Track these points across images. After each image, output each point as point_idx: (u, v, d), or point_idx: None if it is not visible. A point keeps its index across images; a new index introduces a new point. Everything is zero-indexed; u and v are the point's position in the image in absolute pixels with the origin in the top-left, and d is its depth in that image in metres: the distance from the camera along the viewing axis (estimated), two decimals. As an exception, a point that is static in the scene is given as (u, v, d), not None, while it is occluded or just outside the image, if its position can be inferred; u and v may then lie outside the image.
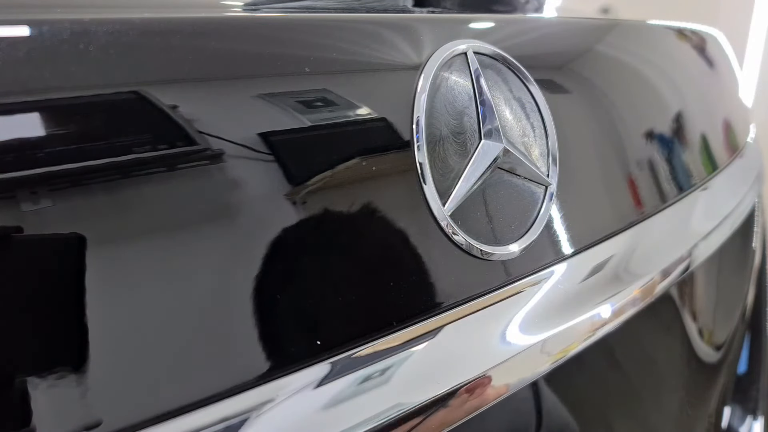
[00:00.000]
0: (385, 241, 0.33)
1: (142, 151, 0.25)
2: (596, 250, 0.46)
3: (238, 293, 0.27)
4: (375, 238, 0.33)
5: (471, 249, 0.35)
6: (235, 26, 0.31)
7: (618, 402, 0.53)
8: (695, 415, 0.64)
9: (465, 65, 0.37)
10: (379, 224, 0.33)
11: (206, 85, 0.28)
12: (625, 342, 0.53)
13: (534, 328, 0.40)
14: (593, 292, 0.45)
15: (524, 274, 0.40)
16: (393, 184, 0.33)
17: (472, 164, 0.35)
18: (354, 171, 0.32)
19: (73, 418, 0.22)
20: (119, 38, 0.26)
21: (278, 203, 0.29)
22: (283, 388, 0.28)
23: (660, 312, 0.59)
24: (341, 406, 0.29)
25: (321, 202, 0.31)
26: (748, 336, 0.79)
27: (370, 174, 0.33)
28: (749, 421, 0.73)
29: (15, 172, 0.22)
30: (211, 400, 0.25)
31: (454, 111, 0.36)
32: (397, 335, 0.32)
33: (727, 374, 0.72)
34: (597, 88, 0.51)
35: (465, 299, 0.36)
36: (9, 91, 0.23)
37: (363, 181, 0.32)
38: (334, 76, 0.33)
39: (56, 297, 0.23)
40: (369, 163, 0.33)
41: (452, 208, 0.34)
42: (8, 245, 0.22)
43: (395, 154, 0.34)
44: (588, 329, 0.43)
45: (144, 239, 0.25)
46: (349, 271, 0.31)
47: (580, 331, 0.42)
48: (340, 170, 0.32)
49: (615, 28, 0.59)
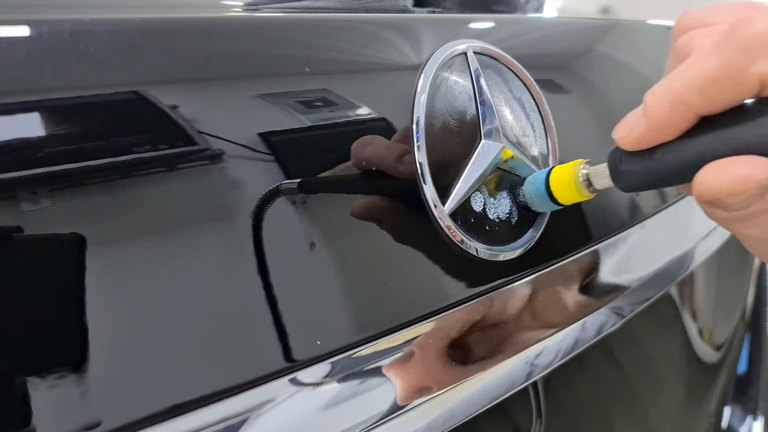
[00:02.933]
0: (385, 241, 0.33)
1: (142, 151, 0.25)
2: (596, 250, 0.47)
3: (237, 293, 0.27)
4: (375, 238, 0.33)
5: (471, 249, 0.35)
6: (235, 26, 0.31)
7: (618, 402, 0.53)
8: (695, 415, 0.64)
9: (465, 65, 0.37)
10: (379, 224, 0.33)
11: (206, 85, 0.28)
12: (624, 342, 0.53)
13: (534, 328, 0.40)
14: (593, 292, 0.45)
15: (524, 274, 0.40)
16: (393, 184, 0.33)
17: (472, 164, 0.35)
18: (354, 171, 0.32)
19: (73, 418, 0.22)
20: (119, 38, 0.26)
21: (278, 203, 0.29)
22: (283, 388, 0.28)
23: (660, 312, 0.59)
24: (341, 406, 0.29)
25: (321, 202, 0.31)
26: (748, 336, 0.79)
27: (369, 174, 0.33)
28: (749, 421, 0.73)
29: (15, 172, 0.22)
30: (211, 399, 0.25)
31: (454, 111, 0.36)
32: (397, 335, 0.32)
33: (727, 374, 0.72)
34: (597, 88, 0.51)
35: (465, 299, 0.36)
36: (9, 91, 0.23)
37: (363, 181, 0.32)
38: (334, 76, 0.33)
39: (56, 297, 0.23)
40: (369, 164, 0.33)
41: (452, 208, 0.34)
42: (8, 245, 0.22)
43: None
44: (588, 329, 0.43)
45: (144, 239, 0.25)
46: (349, 270, 0.31)
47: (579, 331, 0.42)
48: (340, 170, 0.32)
49: (615, 28, 0.59)
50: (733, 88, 0.23)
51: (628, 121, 0.26)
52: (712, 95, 0.23)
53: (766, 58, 0.22)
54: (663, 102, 0.24)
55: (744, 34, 0.22)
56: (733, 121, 0.23)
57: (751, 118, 0.23)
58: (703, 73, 0.23)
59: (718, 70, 0.23)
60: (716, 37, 0.23)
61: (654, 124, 0.25)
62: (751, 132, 0.23)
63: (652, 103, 0.25)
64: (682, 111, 0.24)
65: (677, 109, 0.24)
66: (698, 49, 0.24)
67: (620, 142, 0.27)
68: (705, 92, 0.23)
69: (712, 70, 0.23)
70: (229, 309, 0.27)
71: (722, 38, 0.23)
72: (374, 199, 0.33)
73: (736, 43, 0.22)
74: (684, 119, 0.24)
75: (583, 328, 0.43)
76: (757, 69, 0.22)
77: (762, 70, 0.22)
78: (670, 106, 0.24)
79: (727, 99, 0.23)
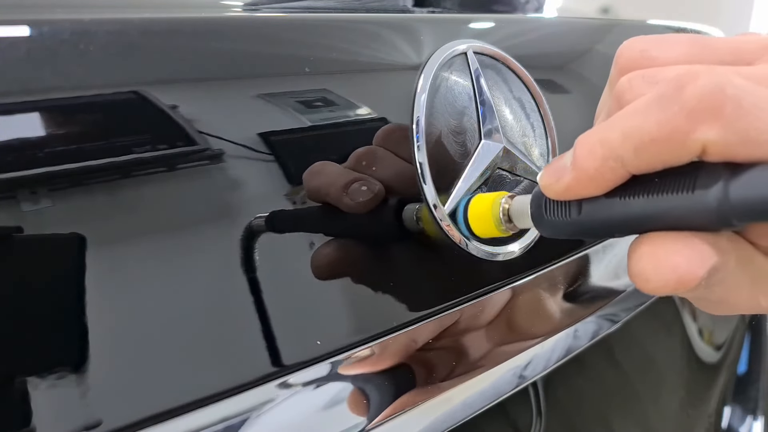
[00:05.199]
0: (384, 241, 0.33)
1: (142, 151, 0.25)
2: (596, 250, 0.47)
3: (237, 293, 0.27)
4: (375, 238, 0.33)
5: (471, 249, 0.35)
6: (235, 26, 0.31)
7: (618, 402, 0.53)
8: (695, 415, 0.64)
9: (465, 65, 0.37)
10: (379, 224, 0.33)
11: (206, 85, 0.28)
12: (624, 342, 0.53)
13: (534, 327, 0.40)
14: (593, 292, 0.45)
15: (524, 274, 0.40)
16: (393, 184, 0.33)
17: (472, 164, 0.35)
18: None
19: (73, 418, 0.22)
20: (119, 38, 0.26)
21: (278, 203, 0.29)
22: (283, 388, 0.28)
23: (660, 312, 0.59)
24: (341, 406, 0.29)
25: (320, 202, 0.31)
26: (748, 336, 0.79)
27: (369, 174, 0.33)
28: (749, 421, 0.73)
29: (15, 172, 0.22)
30: (211, 400, 0.25)
31: (454, 111, 0.36)
32: (397, 335, 0.32)
33: (727, 374, 0.72)
34: (597, 88, 0.51)
35: (465, 299, 0.36)
36: (9, 91, 0.23)
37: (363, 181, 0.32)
38: (334, 76, 0.33)
39: (56, 297, 0.23)
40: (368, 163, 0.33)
41: (452, 208, 0.34)
42: (8, 245, 0.22)
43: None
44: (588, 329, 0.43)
45: (144, 239, 0.25)
46: (349, 270, 0.31)
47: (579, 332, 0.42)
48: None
49: (615, 28, 0.59)
50: (672, 151, 0.20)
51: (555, 167, 0.23)
52: (648, 156, 0.21)
53: (709, 124, 0.19)
54: (594, 154, 0.22)
55: (688, 95, 0.20)
56: (668, 185, 0.21)
57: (688, 186, 0.20)
58: (641, 130, 0.21)
59: (658, 129, 0.20)
60: (658, 91, 0.21)
61: (582, 176, 0.22)
62: (688, 202, 0.20)
63: (581, 153, 0.22)
64: (613, 167, 0.22)
65: (608, 164, 0.22)
66: (638, 99, 0.22)
67: (545, 190, 0.24)
68: (641, 151, 0.21)
69: (651, 128, 0.20)
70: (229, 309, 0.27)
71: (665, 95, 0.20)
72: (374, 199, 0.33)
73: (679, 104, 0.20)
74: (615, 175, 0.22)
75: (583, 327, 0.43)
76: (699, 135, 0.20)
77: (704, 137, 0.20)
78: (600, 161, 0.22)
79: (664, 161, 0.21)
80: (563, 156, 0.23)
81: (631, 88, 0.23)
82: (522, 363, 0.38)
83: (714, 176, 0.20)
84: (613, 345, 0.51)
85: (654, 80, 0.22)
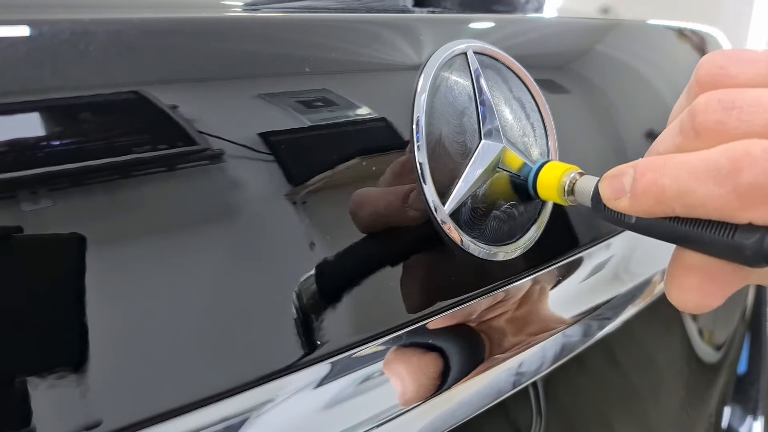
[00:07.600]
0: (385, 241, 0.33)
1: (142, 151, 0.25)
2: (596, 250, 0.47)
3: (237, 293, 0.27)
4: (375, 239, 0.33)
5: (471, 249, 0.35)
6: (235, 26, 0.31)
7: (618, 402, 0.53)
8: (695, 415, 0.64)
9: (465, 65, 0.37)
10: (379, 224, 0.33)
11: (206, 85, 0.28)
12: (624, 342, 0.53)
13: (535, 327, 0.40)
14: (593, 292, 0.45)
15: (524, 274, 0.40)
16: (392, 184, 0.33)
17: (472, 164, 0.35)
18: (354, 171, 0.32)
19: (73, 418, 0.22)
20: (119, 38, 0.26)
21: (278, 203, 0.29)
22: (283, 388, 0.28)
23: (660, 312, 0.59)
24: (341, 406, 0.29)
25: (321, 203, 0.31)
26: (748, 336, 0.79)
27: (370, 174, 0.33)
28: (749, 421, 0.73)
29: (15, 172, 0.22)
30: (211, 400, 0.25)
31: (454, 111, 0.36)
32: (396, 335, 0.32)
33: (727, 374, 0.72)
34: (597, 88, 0.51)
35: (464, 299, 0.36)
36: (9, 91, 0.23)
37: (363, 181, 0.32)
38: (334, 76, 0.33)
39: (56, 297, 0.23)
40: (369, 163, 0.33)
41: (452, 208, 0.34)
42: (8, 245, 0.22)
43: (395, 154, 0.34)
44: (588, 329, 0.43)
45: (144, 239, 0.25)
46: (349, 270, 0.31)
47: (579, 331, 0.42)
48: (340, 170, 0.32)
49: (615, 28, 0.59)
50: (718, 216, 0.23)
51: (616, 185, 0.27)
52: (696, 213, 0.24)
53: (759, 208, 0.22)
54: (649, 194, 0.25)
55: (743, 180, 0.22)
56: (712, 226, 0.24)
57: (729, 233, 0.23)
58: (694, 196, 0.23)
59: (710, 201, 0.23)
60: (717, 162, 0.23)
61: (637, 207, 0.26)
62: (726, 244, 0.24)
63: (639, 188, 0.25)
64: (665, 210, 0.25)
65: (660, 207, 0.25)
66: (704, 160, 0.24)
67: (606, 201, 0.28)
68: (691, 210, 0.24)
69: (703, 197, 0.23)
70: (229, 309, 0.27)
71: (722, 171, 0.23)
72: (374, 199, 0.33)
73: (733, 185, 0.22)
74: (666, 213, 0.25)
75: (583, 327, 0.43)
76: (747, 215, 0.22)
77: (751, 216, 0.22)
78: (654, 202, 0.25)
79: (710, 218, 0.24)
80: (624, 173, 0.27)
81: (706, 111, 0.25)
82: (522, 362, 0.38)
83: (752, 231, 0.23)
84: (613, 345, 0.51)
85: (730, 105, 0.24)
